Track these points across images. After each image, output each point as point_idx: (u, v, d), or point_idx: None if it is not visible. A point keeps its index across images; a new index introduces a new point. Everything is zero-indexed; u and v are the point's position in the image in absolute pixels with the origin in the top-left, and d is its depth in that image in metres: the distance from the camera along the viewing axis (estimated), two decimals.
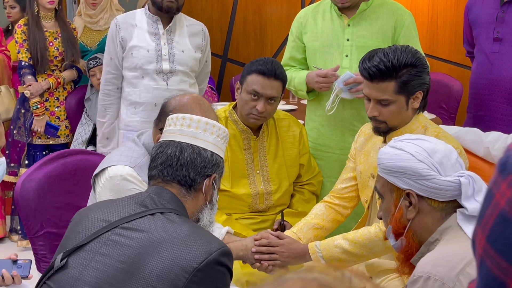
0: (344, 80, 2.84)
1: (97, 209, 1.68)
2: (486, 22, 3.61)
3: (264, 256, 2.33)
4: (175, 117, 1.77)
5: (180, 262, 1.47)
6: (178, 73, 3.24)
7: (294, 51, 3.14)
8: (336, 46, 3.00)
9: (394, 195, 1.66)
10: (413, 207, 1.61)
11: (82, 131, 4.37)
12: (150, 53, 3.20)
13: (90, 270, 1.52)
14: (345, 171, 2.58)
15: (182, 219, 1.61)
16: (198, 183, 1.70)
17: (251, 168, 2.84)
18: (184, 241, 1.51)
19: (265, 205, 2.86)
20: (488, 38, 3.60)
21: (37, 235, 2.43)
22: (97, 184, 2.19)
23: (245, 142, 2.84)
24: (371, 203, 2.42)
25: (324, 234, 2.53)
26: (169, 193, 1.67)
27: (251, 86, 2.70)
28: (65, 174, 2.53)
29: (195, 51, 3.31)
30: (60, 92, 4.35)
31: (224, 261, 1.53)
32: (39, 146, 4.35)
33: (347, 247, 2.26)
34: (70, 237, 1.64)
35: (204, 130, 1.74)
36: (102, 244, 1.55)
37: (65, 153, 2.58)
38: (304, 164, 2.94)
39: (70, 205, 2.50)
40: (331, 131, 3.06)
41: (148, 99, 3.22)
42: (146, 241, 1.52)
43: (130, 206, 1.63)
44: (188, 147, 1.71)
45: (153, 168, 1.71)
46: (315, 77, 2.91)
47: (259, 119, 2.76)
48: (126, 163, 2.15)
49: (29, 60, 4.18)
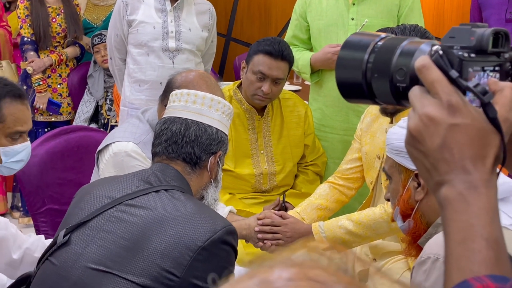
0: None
1: (100, 186, 1.65)
2: (498, 3, 3.56)
3: (267, 235, 2.31)
4: (179, 93, 1.74)
5: (185, 240, 1.45)
6: (184, 52, 3.19)
7: (297, 30, 3.10)
8: (341, 25, 2.96)
9: (403, 176, 1.63)
10: (422, 188, 1.59)
11: (85, 108, 4.35)
12: (157, 30, 3.14)
13: (93, 246, 1.50)
14: (350, 151, 2.55)
15: (187, 197, 1.58)
16: (203, 160, 1.68)
17: (255, 148, 2.82)
18: (189, 219, 1.49)
19: (269, 186, 2.84)
20: (499, 20, 3.55)
21: (39, 211, 2.41)
22: (101, 160, 2.16)
23: (250, 121, 2.81)
24: (376, 184, 2.40)
25: (328, 215, 2.52)
26: (174, 170, 1.65)
27: (257, 67, 2.66)
28: (68, 151, 2.51)
29: (202, 30, 3.26)
30: (62, 69, 4.31)
31: (229, 239, 1.51)
32: (41, 123, 4.32)
33: (351, 227, 2.24)
34: (73, 213, 1.62)
35: (209, 106, 1.71)
36: (106, 221, 1.53)
37: (68, 129, 2.55)
38: (308, 145, 2.91)
39: (72, 181, 2.49)
40: (335, 111, 3.03)
41: (154, 77, 3.17)
42: (150, 218, 1.50)
43: (134, 183, 1.61)
44: (194, 123, 1.68)
45: (158, 145, 1.69)
46: (332, 56, 2.86)
47: (264, 100, 2.73)
48: (130, 140, 2.12)
49: (31, 36, 4.15)
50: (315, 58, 2.96)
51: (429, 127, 0.77)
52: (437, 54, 0.79)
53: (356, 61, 0.87)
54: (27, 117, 1.95)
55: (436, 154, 0.77)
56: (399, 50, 0.84)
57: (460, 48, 0.80)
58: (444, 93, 0.77)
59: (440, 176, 0.77)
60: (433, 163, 0.78)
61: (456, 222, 0.76)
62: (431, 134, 0.77)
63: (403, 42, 0.85)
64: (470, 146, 0.76)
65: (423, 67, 0.78)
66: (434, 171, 0.78)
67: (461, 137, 0.76)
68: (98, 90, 4.33)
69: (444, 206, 0.77)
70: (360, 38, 0.90)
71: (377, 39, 0.88)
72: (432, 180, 0.79)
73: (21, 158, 1.96)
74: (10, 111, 1.89)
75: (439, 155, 0.77)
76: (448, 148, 0.76)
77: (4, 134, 1.91)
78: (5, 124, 1.90)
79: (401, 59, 0.83)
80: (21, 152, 1.95)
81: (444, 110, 0.76)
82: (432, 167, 0.78)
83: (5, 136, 1.91)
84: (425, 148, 0.78)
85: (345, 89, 0.91)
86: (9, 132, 1.91)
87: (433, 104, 0.77)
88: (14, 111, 1.90)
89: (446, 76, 0.78)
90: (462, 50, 0.80)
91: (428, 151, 0.78)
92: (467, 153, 0.76)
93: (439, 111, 0.76)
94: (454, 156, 0.76)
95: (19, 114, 1.91)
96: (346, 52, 0.90)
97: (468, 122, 0.76)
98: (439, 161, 0.77)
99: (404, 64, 0.83)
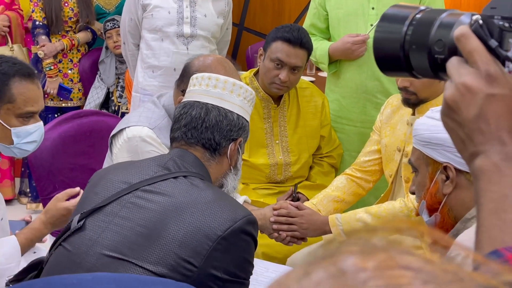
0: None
1: (116, 170, 1.60)
2: None
3: (283, 226, 2.26)
4: (200, 77, 1.68)
5: (204, 229, 1.40)
6: (199, 38, 3.12)
7: (315, 18, 3.04)
8: (361, 15, 2.89)
9: (430, 168, 1.57)
10: (450, 182, 1.52)
11: (95, 94, 4.29)
12: (172, 15, 3.07)
13: (109, 233, 1.44)
14: (369, 143, 2.49)
15: (206, 184, 1.53)
16: (223, 147, 1.62)
17: (270, 137, 2.76)
18: (209, 207, 1.44)
19: (283, 176, 2.78)
20: None
21: (50, 196, 2.35)
22: (114, 145, 2.11)
23: (265, 110, 2.75)
24: (395, 177, 2.34)
25: (344, 208, 2.46)
26: (193, 156, 1.59)
27: (275, 54, 2.59)
28: (80, 135, 2.46)
29: (218, 16, 3.19)
30: (74, 54, 4.26)
31: (249, 229, 1.45)
32: (51, 108, 4.27)
33: (370, 221, 2.18)
34: (88, 198, 1.56)
35: (230, 91, 1.65)
36: (122, 207, 1.48)
37: (81, 113, 2.50)
38: (325, 136, 2.85)
39: (84, 167, 2.44)
40: (352, 103, 2.96)
41: (167, 63, 3.10)
42: (169, 205, 1.45)
43: (152, 168, 1.55)
44: (214, 108, 1.62)
45: (176, 130, 1.63)
46: (351, 46, 2.80)
47: (282, 89, 2.66)
48: (146, 124, 2.07)
49: (43, 20, 4.09)
50: (334, 48, 2.90)
51: (466, 96, 0.76)
52: (476, 23, 0.78)
53: (394, 33, 0.87)
54: (38, 96, 1.89)
55: (471, 125, 0.76)
56: (438, 21, 0.83)
57: (501, 18, 0.79)
58: (483, 62, 0.75)
59: (475, 147, 0.77)
60: (469, 134, 0.77)
61: (489, 193, 0.75)
62: (467, 104, 0.76)
63: (443, 14, 0.84)
64: (507, 117, 0.75)
65: (462, 36, 0.77)
66: (469, 141, 0.77)
67: (498, 108, 0.75)
68: (110, 76, 4.27)
69: (478, 177, 0.77)
70: (399, 10, 0.89)
71: (416, 11, 0.87)
72: (467, 151, 0.78)
73: (33, 139, 1.90)
74: (19, 91, 1.83)
75: (475, 125, 0.76)
76: (484, 118, 0.75)
77: (15, 114, 1.85)
78: (15, 105, 1.84)
79: (440, 30, 0.82)
80: (34, 133, 1.89)
81: (482, 79, 0.75)
82: (467, 137, 0.77)
83: (16, 116, 1.85)
84: (461, 118, 0.77)
85: (382, 62, 0.90)
86: (20, 113, 1.85)
87: (471, 74, 0.76)
88: (24, 90, 1.84)
89: (485, 46, 0.77)
90: (503, 20, 0.78)
91: (464, 121, 0.77)
92: (503, 124, 0.75)
93: (477, 81, 0.75)
94: (490, 127, 0.75)
95: (29, 94, 1.85)
96: (385, 24, 0.89)
97: (506, 93, 0.75)
98: (475, 132, 0.76)
99: (443, 35, 0.82)
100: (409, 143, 2.26)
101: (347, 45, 2.82)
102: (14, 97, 1.82)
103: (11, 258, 1.85)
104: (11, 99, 1.82)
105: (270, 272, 2.14)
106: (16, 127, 1.85)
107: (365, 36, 2.81)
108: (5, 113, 1.84)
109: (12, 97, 1.82)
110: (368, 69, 2.85)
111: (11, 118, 1.85)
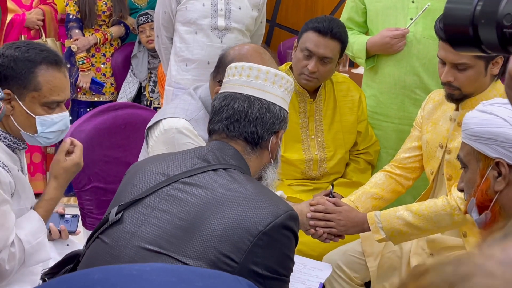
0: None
1: (154, 162, 1.56)
2: None
3: (320, 223, 2.20)
4: (239, 66, 1.63)
5: (245, 224, 1.35)
6: (233, 31, 3.07)
7: (352, 12, 2.97)
8: (400, 8, 2.81)
9: (481, 164, 1.50)
10: (503, 178, 1.45)
11: (128, 89, 4.28)
12: (206, 7, 3.03)
13: (148, 226, 1.40)
14: (409, 140, 2.41)
15: (247, 178, 1.48)
16: (265, 140, 1.57)
17: (305, 132, 2.70)
18: (250, 201, 1.39)
19: (319, 173, 2.72)
20: None
21: (84, 189, 2.34)
22: (150, 137, 2.07)
23: (301, 104, 2.69)
24: (436, 175, 2.26)
25: (383, 205, 2.39)
26: (233, 149, 1.55)
27: (304, 44, 2.55)
28: (115, 128, 2.43)
29: (252, 9, 3.14)
30: (106, 48, 4.25)
31: (291, 225, 1.40)
32: (83, 103, 4.27)
33: (410, 219, 2.11)
34: (125, 190, 1.52)
35: (273, 82, 1.60)
36: (161, 199, 1.44)
37: (116, 105, 2.47)
38: (361, 132, 2.78)
39: (118, 160, 2.41)
40: (390, 99, 2.88)
41: (201, 57, 3.07)
42: (209, 198, 1.40)
43: (191, 160, 1.51)
44: (257, 101, 1.57)
45: (217, 122, 1.58)
46: (390, 40, 2.73)
47: (311, 80, 2.59)
48: (182, 116, 2.03)
49: (77, 13, 4.10)
50: (372, 42, 2.82)
51: None
52: None
53: (463, 9, 0.87)
54: (64, 85, 1.85)
55: None
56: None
57: None
58: None
59: None
60: None
61: None
62: None
63: None
64: None
65: None
66: None
67: None
68: (142, 71, 4.25)
69: None
70: None
71: None
72: None
73: (57, 128, 1.86)
74: (46, 79, 1.80)
75: None
76: None
77: (40, 103, 1.81)
78: (40, 93, 1.80)
79: (510, 5, 0.83)
80: (58, 123, 1.85)
81: None
82: None
83: (41, 105, 1.82)
84: None
85: (451, 36, 0.91)
86: (45, 102, 1.81)
87: None
88: (50, 78, 1.80)
89: None
90: None
91: None
92: None
93: None
94: None
95: (55, 82, 1.82)
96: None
97: None
98: None
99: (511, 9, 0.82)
100: (452, 140, 2.18)
101: (386, 39, 2.75)
102: (40, 85, 1.79)
103: (38, 232, 1.83)
104: (37, 87, 1.79)
105: (308, 269, 2.09)
106: (40, 115, 1.82)
107: (404, 30, 2.74)
108: (30, 101, 1.80)
109: (38, 85, 1.79)
110: (407, 64, 2.77)
111: (36, 107, 1.81)
